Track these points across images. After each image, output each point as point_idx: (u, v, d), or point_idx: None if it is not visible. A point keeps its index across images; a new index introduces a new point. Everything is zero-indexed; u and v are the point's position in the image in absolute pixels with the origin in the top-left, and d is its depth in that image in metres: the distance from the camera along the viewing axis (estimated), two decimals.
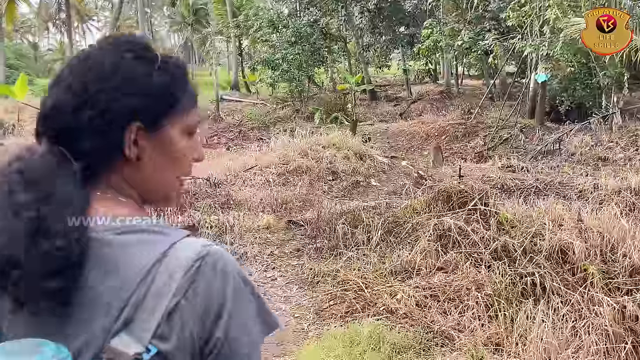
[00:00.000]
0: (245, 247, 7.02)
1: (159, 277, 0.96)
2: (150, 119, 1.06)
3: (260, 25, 24.58)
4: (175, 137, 1.10)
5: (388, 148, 15.58)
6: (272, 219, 7.97)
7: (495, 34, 17.23)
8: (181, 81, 1.12)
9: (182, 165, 1.14)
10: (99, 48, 1.09)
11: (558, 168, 11.87)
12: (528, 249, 6.15)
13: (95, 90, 1.02)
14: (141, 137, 1.05)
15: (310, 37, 22.95)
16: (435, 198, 7.30)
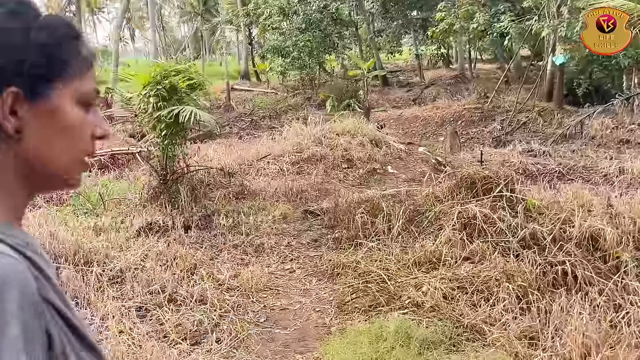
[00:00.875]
0: (262, 238, 6.79)
1: None
2: (30, 84, 0.89)
3: (270, 13, 24.27)
4: (65, 106, 0.94)
5: (403, 134, 15.26)
6: (288, 208, 7.74)
7: (511, 16, 16.80)
8: (69, 42, 0.96)
9: (77, 140, 0.97)
10: None
11: (580, 152, 11.52)
12: (557, 236, 5.88)
13: None
14: (20, 106, 0.89)
15: (320, 23, 22.62)
16: (458, 185, 7.01)
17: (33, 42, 0.90)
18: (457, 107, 17.71)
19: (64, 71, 0.94)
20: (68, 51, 0.95)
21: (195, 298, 5.19)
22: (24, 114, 0.90)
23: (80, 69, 0.97)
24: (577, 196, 6.85)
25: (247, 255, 6.40)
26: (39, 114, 0.91)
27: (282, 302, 5.46)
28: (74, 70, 0.95)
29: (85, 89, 0.98)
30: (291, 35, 22.10)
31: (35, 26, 0.91)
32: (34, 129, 0.91)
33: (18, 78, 0.88)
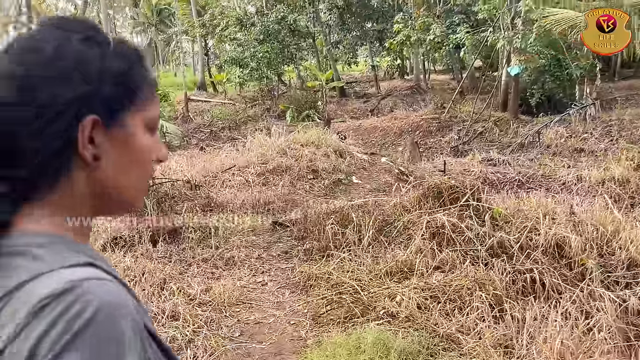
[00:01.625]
0: (232, 250, 6.73)
1: (5, 313, 0.78)
2: (108, 111, 0.90)
3: (227, 24, 24.21)
4: (138, 132, 0.95)
5: (363, 145, 15.37)
6: (256, 220, 7.70)
7: (466, 28, 17.15)
8: (139, 67, 0.97)
9: (145, 165, 0.99)
10: (41, 30, 0.91)
11: (537, 160, 11.79)
12: (524, 244, 6.00)
13: (39, 79, 0.86)
14: (98, 133, 0.89)
15: (278, 35, 22.66)
16: (425, 195, 7.09)
17: (109, 70, 0.91)
18: (414, 117, 17.93)
19: (136, 97, 0.95)
20: (139, 77, 0.97)
21: (167, 314, 5.11)
22: (101, 141, 0.90)
23: (148, 95, 0.98)
24: (540, 204, 7.00)
25: (217, 269, 6.34)
26: (115, 140, 0.92)
27: (255, 315, 5.42)
28: (144, 96, 0.97)
29: (153, 114, 0.99)
30: (249, 46, 22.08)
31: (109, 53, 0.92)
32: (110, 156, 0.92)
33: (95, 106, 0.88)
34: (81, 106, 0.87)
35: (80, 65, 0.88)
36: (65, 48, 0.88)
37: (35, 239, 0.86)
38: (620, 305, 5.09)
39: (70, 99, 0.86)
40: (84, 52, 0.89)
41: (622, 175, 9.14)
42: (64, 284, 0.77)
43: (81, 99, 0.87)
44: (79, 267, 0.83)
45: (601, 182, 9.19)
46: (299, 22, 22.90)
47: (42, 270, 0.80)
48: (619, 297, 5.21)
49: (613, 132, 13.45)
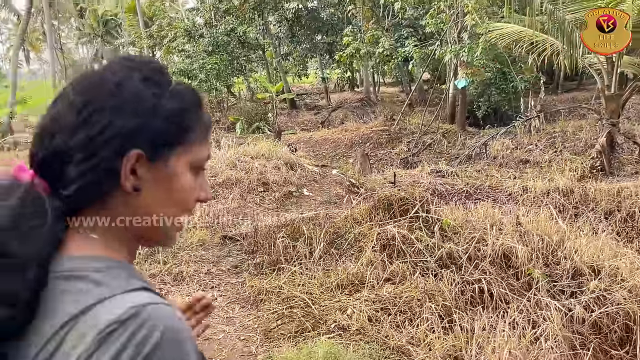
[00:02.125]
0: (180, 266, 6.61)
1: (71, 336, 0.84)
2: (154, 147, 0.96)
3: (175, 35, 23.98)
4: (180, 170, 1.01)
5: (314, 156, 15.39)
6: (205, 234, 7.59)
7: (414, 41, 17.41)
8: (194, 110, 1.03)
9: (183, 202, 1.04)
10: (107, 66, 1.00)
11: (484, 171, 12.01)
12: (472, 255, 6.07)
13: (95, 108, 0.93)
14: (141, 166, 0.96)
15: (227, 46, 22.54)
16: (375, 206, 7.12)
17: (162, 108, 0.97)
18: (364, 129, 18.08)
19: (186, 138, 1.00)
20: (192, 119, 1.02)
21: None
22: (144, 174, 0.96)
23: (200, 137, 1.04)
24: (488, 215, 7.12)
25: (165, 285, 6.22)
26: (157, 175, 0.98)
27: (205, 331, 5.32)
28: (195, 137, 1.02)
29: (201, 156, 1.05)
30: (198, 57, 21.89)
31: (166, 93, 0.98)
32: (150, 189, 0.98)
33: (143, 140, 0.94)
34: (129, 139, 0.93)
35: (134, 100, 0.95)
36: (126, 84, 0.95)
37: (91, 263, 0.93)
38: (565, 314, 5.20)
39: (120, 131, 0.92)
40: (141, 89, 0.96)
41: (566, 185, 9.38)
42: (128, 310, 0.84)
43: (129, 131, 0.93)
44: (137, 292, 0.90)
45: (546, 192, 9.41)
46: (248, 34, 22.84)
47: (104, 295, 0.87)
48: (564, 306, 5.33)
49: (557, 144, 13.82)
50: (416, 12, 18.90)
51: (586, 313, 5.23)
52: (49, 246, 0.93)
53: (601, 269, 5.83)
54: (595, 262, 5.97)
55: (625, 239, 7.86)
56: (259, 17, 24.43)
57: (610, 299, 5.34)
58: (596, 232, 7.56)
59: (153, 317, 0.84)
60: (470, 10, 13.90)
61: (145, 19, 30.99)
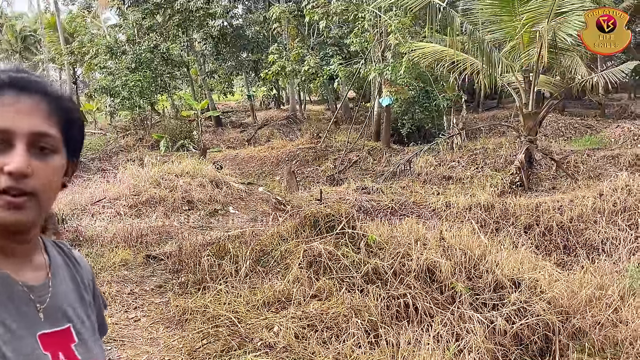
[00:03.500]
0: (102, 286, 6.39)
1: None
2: None
3: (97, 52, 23.44)
4: None
5: (240, 174, 15.28)
6: (128, 254, 7.39)
7: (339, 59, 17.63)
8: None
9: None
10: None
11: (409, 188, 12.22)
12: (398, 270, 6.14)
13: None
14: None
15: (151, 63, 22.16)
16: (302, 223, 7.11)
17: None
18: (291, 147, 18.12)
19: None
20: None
21: None
22: None
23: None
24: (412, 231, 7.22)
25: None
26: None
27: (128, 353, 5.16)
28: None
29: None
30: (120, 74, 21.44)
31: None
32: None
33: None
34: None
35: None
36: None
37: None
38: (488, 326, 5.32)
39: None
40: None
41: (487, 201, 9.65)
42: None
43: None
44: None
45: (468, 208, 9.65)
46: (172, 51, 22.57)
47: None
48: (487, 318, 5.46)
49: (478, 160, 14.23)
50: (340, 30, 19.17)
51: (508, 325, 5.37)
52: None
53: (521, 282, 6.01)
54: (516, 275, 6.15)
55: (544, 252, 8.15)
56: (183, 34, 24.19)
57: (530, 310, 5.51)
58: (516, 245, 7.81)
59: None
60: (393, 29, 14.20)
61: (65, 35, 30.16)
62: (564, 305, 5.81)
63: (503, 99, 27.74)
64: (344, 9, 16.23)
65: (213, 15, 23.05)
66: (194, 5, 22.05)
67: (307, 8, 16.88)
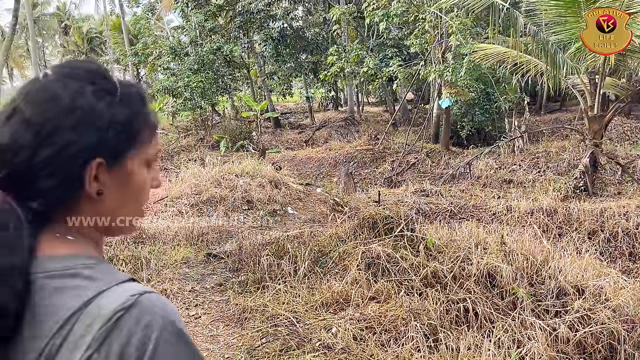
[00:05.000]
0: (164, 283, 6.55)
1: (77, 328, 0.91)
2: (112, 154, 1.04)
3: (160, 53, 23.98)
4: (136, 169, 1.09)
5: (298, 175, 15.38)
6: (189, 252, 7.54)
7: (398, 61, 17.54)
8: (142, 113, 1.10)
9: (142, 195, 1.14)
10: (54, 79, 1.03)
11: (468, 191, 12.05)
12: (457, 274, 6.08)
13: (55, 127, 0.98)
14: (102, 172, 1.03)
15: (213, 65, 22.56)
16: (360, 225, 7.12)
17: (115, 119, 1.03)
18: (349, 148, 18.12)
19: (138, 140, 1.08)
20: (141, 122, 1.09)
21: None
22: (105, 179, 1.04)
23: (150, 135, 1.12)
24: (472, 234, 7.14)
25: None
26: (116, 178, 1.06)
27: None
28: (144, 137, 1.10)
29: (151, 152, 1.13)
30: (183, 76, 21.88)
31: (116, 101, 1.05)
32: (112, 191, 1.06)
33: (102, 150, 1.02)
34: (89, 151, 1.00)
35: (92, 117, 1.00)
36: (79, 99, 1.00)
37: (76, 261, 1.00)
38: (550, 333, 5.21)
39: (82, 146, 0.99)
40: (94, 104, 1.01)
41: (550, 205, 9.42)
42: (129, 298, 0.93)
43: (89, 145, 1.00)
44: (129, 283, 0.99)
45: (530, 212, 9.44)
46: (234, 53, 22.89)
47: (102, 288, 0.95)
48: (549, 325, 5.34)
49: (540, 164, 13.92)
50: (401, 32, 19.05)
51: (570, 333, 5.24)
52: (28, 254, 0.97)
53: (585, 289, 5.86)
54: (579, 282, 5.99)
55: (609, 259, 7.91)
56: (244, 36, 24.51)
57: (595, 318, 5.36)
58: (580, 252, 7.61)
59: (152, 303, 0.94)
60: (454, 31, 14.04)
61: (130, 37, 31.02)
62: (630, 313, 5.63)
63: (567, 102, 27.08)
64: (405, 10, 16.14)
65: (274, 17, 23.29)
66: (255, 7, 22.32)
67: (368, 10, 16.85)
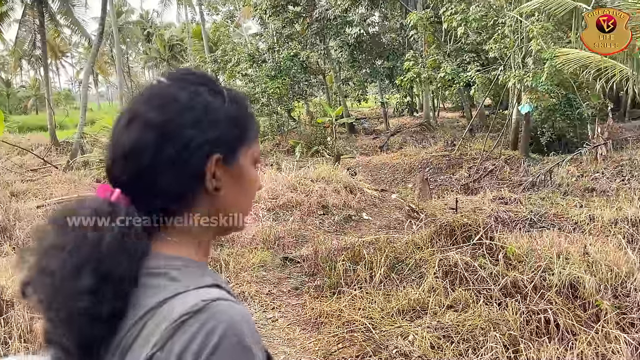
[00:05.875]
0: (242, 286, 6.67)
1: (149, 325, 0.94)
2: (228, 151, 1.08)
3: (239, 60, 24.46)
4: (247, 166, 1.13)
5: (372, 181, 15.35)
6: (266, 255, 7.65)
7: (476, 66, 17.25)
8: (248, 112, 1.16)
9: (251, 193, 1.17)
10: (169, 83, 1.09)
11: (548, 199, 11.71)
12: (538, 284, 5.92)
13: (177, 125, 1.03)
14: (219, 169, 1.07)
15: (289, 71, 22.84)
16: (437, 232, 7.05)
17: (229, 116, 1.09)
18: (424, 154, 17.95)
19: (248, 138, 1.13)
20: (249, 120, 1.15)
21: None
22: (221, 174, 1.08)
23: (255, 133, 1.16)
24: (554, 244, 6.94)
25: None
26: (232, 174, 1.10)
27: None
28: (252, 134, 1.15)
29: (257, 150, 1.17)
30: (260, 82, 22.25)
31: (227, 101, 1.10)
32: (227, 187, 1.09)
33: (220, 146, 1.06)
34: (209, 147, 1.05)
35: (209, 113, 1.06)
36: (197, 98, 1.06)
37: (171, 262, 1.03)
38: (636, 348, 5.01)
39: (202, 142, 1.04)
40: (211, 102, 1.07)
41: (636, 215, 9.05)
42: (199, 303, 0.94)
43: (209, 140, 1.05)
44: (209, 288, 1.00)
45: (614, 222, 9.10)
46: (310, 59, 23.09)
47: (179, 290, 0.97)
48: (635, 339, 5.14)
49: (625, 172, 13.38)
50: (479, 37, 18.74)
51: None
52: (143, 258, 1.01)
53: None
54: None
55: None
56: (320, 42, 24.70)
57: None
58: None
59: (221, 310, 0.94)
60: (535, 35, 13.71)
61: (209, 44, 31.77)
62: None
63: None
64: (484, 14, 15.88)
65: (350, 23, 23.35)
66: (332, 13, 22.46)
67: (446, 14, 16.67)
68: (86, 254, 0.95)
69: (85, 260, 0.95)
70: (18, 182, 14.76)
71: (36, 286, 0.98)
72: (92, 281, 0.94)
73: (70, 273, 0.95)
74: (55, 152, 24.30)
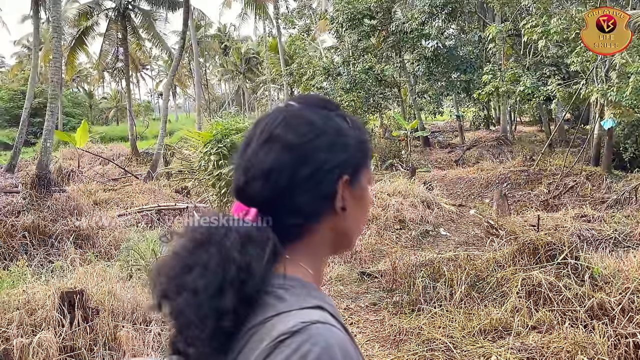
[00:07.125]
0: None
1: (253, 340, 0.97)
2: (353, 172, 1.12)
3: (314, 73, 24.67)
4: (365, 186, 1.17)
5: (448, 195, 15.15)
6: (343, 269, 7.66)
7: (557, 80, 16.80)
8: (367, 137, 1.20)
9: (367, 212, 1.22)
10: (301, 107, 1.13)
11: (634, 217, 11.25)
12: (626, 306, 5.69)
13: (313, 147, 1.07)
14: (345, 189, 1.10)
15: (364, 84, 22.87)
16: (520, 250, 6.88)
17: (355, 139, 1.14)
18: (502, 169, 17.60)
19: (368, 160, 1.18)
20: (368, 144, 1.19)
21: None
22: (347, 195, 1.10)
23: (370, 156, 1.21)
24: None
25: None
26: (354, 195, 1.13)
27: None
28: (369, 158, 1.19)
29: (371, 172, 1.21)
30: (335, 95, 22.36)
31: (352, 125, 1.15)
32: (351, 206, 1.12)
33: (349, 168, 1.11)
34: (341, 168, 1.09)
35: (340, 136, 1.11)
36: (329, 122, 1.11)
37: (281, 281, 1.04)
38: None
39: (335, 164, 1.08)
40: (341, 126, 1.13)
41: None
42: (298, 324, 0.94)
43: (341, 162, 1.09)
44: (311, 309, 1.00)
45: None
46: (386, 72, 23.05)
47: (282, 310, 0.98)
48: None
49: None
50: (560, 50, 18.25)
51: None
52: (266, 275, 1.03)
53: None
54: None
55: None
56: (396, 55, 24.64)
57: None
58: None
59: (318, 334, 0.93)
60: None
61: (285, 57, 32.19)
62: None
63: None
64: (565, 27, 15.45)
65: (427, 36, 23.20)
66: (409, 26, 22.37)
67: (526, 27, 16.31)
68: (232, 276, 0.98)
69: (230, 282, 0.98)
70: (100, 191, 15.34)
71: (174, 301, 1.02)
72: (235, 302, 0.98)
73: (214, 293, 0.98)
74: (136, 162, 25.18)
